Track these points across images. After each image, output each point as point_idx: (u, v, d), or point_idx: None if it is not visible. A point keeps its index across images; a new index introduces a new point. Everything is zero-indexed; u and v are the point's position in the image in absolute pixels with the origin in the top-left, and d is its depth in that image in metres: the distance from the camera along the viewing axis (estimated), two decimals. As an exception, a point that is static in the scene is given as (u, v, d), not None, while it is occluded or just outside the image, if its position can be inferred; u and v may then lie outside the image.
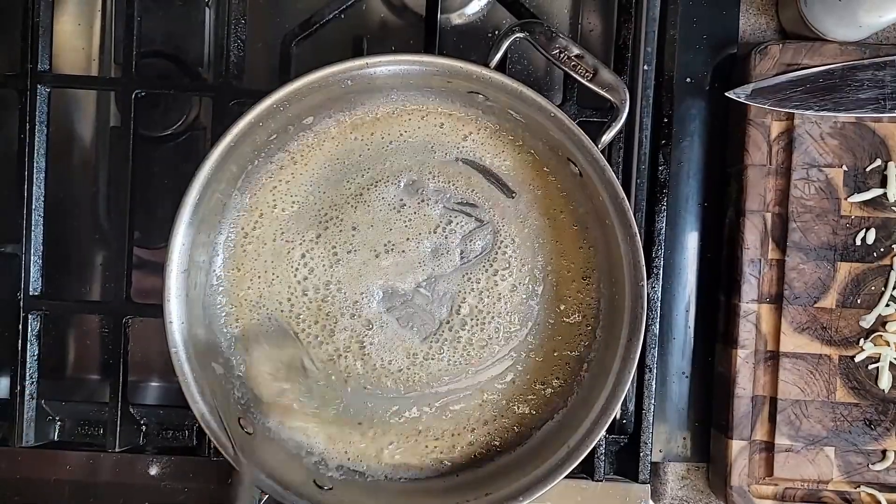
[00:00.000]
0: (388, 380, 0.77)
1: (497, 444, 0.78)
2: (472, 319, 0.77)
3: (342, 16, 0.82)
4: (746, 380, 0.80)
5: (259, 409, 0.75)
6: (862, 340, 0.80)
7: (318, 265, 0.77)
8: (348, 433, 0.77)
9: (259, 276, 0.77)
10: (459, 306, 0.77)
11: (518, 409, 0.78)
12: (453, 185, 0.77)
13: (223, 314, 0.77)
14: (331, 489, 0.73)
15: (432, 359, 0.77)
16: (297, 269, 0.77)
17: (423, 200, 0.77)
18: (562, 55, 0.70)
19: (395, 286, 0.77)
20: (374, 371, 0.77)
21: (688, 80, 0.86)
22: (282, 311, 0.77)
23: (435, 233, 0.77)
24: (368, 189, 0.77)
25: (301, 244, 0.77)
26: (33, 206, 0.81)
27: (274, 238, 0.77)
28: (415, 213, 0.77)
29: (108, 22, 0.88)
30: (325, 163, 0.77)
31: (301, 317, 0.77)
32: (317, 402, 0.77)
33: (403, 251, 0.77)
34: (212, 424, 0.69)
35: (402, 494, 0.76)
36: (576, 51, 0.70)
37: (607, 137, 0.70)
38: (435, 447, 0.77)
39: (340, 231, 0.77)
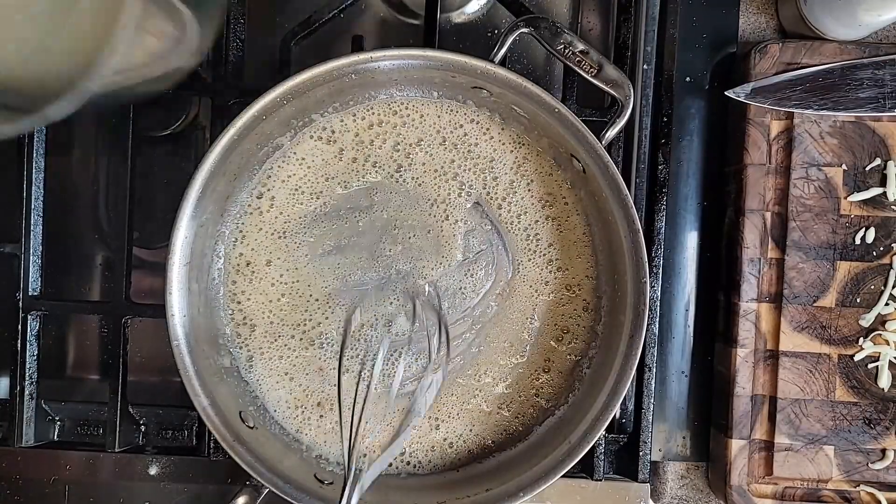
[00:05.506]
0: (393, 374, 0.77)
1: (498, 439, 0.78)
2: (473, 316, 0.77)
3: (342, 15, 0.82)
4: (746, 379, 0.80)
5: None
6: (861, 339, 0.80)
7: (321, 258, 0.77)
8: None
9: (262, 271, 0.77)
10: (462, 303, 0.77)
11: (520, 405, 0.78)
12: (457, 180, 0.77)
13: (225, 307, 0.77)
14: (331, 484, 0.73)
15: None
16: (301, 263, 0.77)
17: (424, 195, 0.77)
18: (566, 51, 0.70)
19: (400, 280, 0.77)
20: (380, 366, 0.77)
21: (687, 79, 0.86)
22: (286, 304, 0.77)
23: (438, 228, 0.77)
24: (372, 183, 0.77)
25: (304, 238, 0.77)
26: (32, 206, 0.80)
27: (276, 232, 0.77)
28: (417, 208, 0.77)
29: (108, 22, 0.88)
30: (328, 157, 0.77)
31: (306, 310, 0.77)
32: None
33: (407, 246, 0.77)
34: (213, 418, 0.70)
35: (403, 489, 0.76)
36: (581, 46, 0.70)
37: (611, 133, 0.70)
38: (436, 443, 0.78)
39: (345, 225, 0.77)
